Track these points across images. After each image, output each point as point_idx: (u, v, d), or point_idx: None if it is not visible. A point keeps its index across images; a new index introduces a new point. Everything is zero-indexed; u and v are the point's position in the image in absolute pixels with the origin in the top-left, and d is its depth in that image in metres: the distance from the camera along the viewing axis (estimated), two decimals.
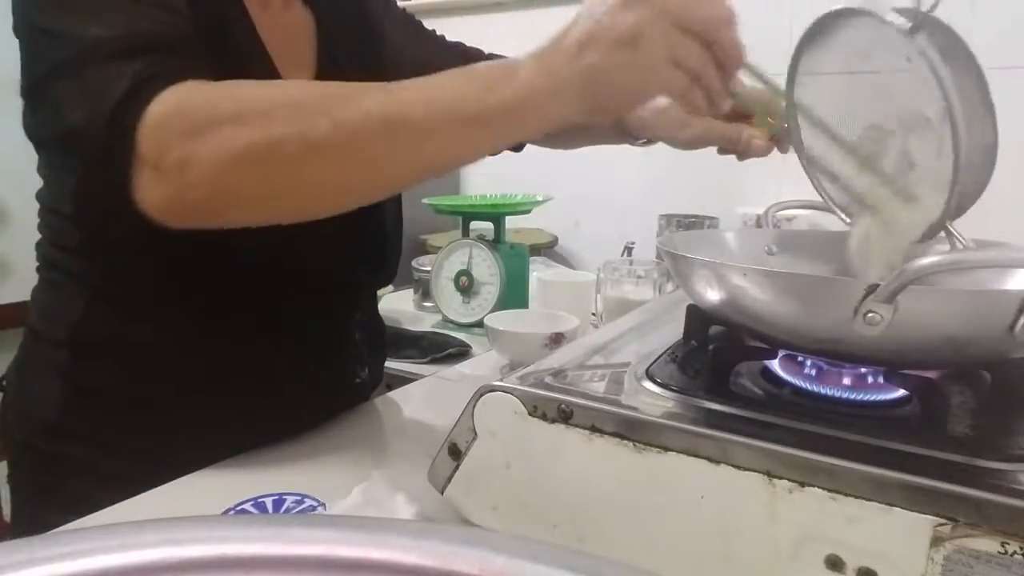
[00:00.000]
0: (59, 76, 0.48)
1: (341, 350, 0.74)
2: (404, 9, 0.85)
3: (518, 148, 0.81)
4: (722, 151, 0.68)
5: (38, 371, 0.66)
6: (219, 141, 0.45)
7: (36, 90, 0.51)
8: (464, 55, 0.85)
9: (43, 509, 0.65)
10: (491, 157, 0.91)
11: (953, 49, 0.49)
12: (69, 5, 0.49)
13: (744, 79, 0.55)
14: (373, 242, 0.73)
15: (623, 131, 0.73)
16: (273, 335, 0.66)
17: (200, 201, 0.47)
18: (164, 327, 0.63)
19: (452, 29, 0.85)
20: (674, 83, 0.47)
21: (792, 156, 0.60)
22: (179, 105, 0.46)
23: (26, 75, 0.52)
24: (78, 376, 0.64)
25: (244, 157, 0.45)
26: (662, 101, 0.64)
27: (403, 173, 0.50)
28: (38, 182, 0.66)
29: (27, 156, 0.62)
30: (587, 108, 0.47)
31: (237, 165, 0.46)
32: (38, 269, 0.68)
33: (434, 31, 0.85)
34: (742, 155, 0.67)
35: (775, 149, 0.66)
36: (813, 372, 0.48)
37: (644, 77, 0.46)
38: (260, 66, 0.61)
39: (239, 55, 0.59)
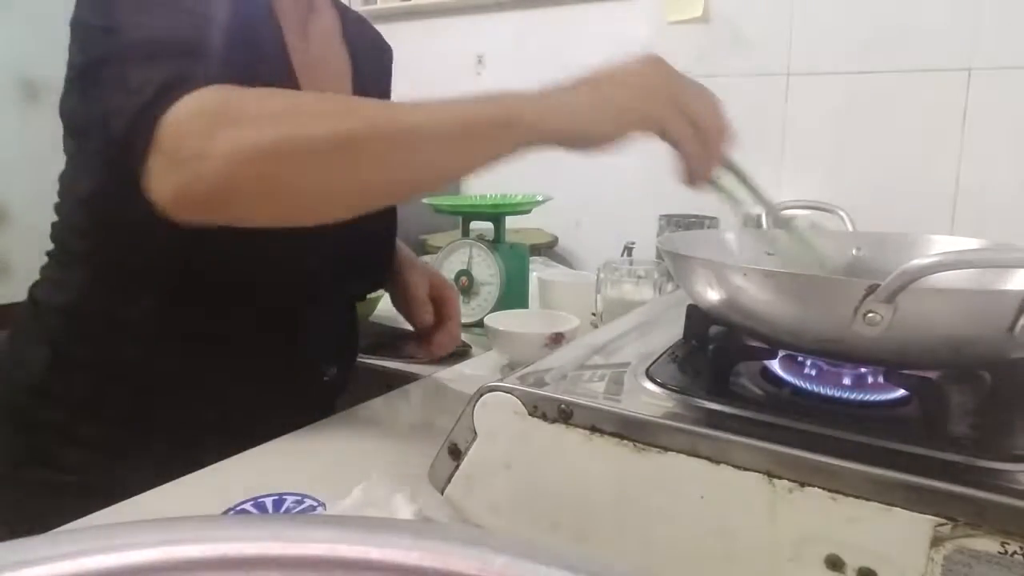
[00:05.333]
0: (107, 66, 0.54)
1: (310, 345, 0.77)
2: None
3: None
4: None
5: (30, 338, 0.71)
6: (232, 138, 0.48)
7: (86, 75, 0.58)
8: None
9: (20, 467, 0.69)
10: None
11: None
12: (124, 8, 0.55)
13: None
14: (362, 252, 0.77)
15: None
16: (254, 327, 0.70)
17: (207, 194, 0.49)
18: (156, 313, 0.67)
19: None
20: (667, 122, 0.53)
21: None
22: (204, 105, 0.50)
23: (78, 63, 0.60)
24: (66, 345, 0.68)
25: (252, 155, 0.48)
26: None
27: (403, 180, 0.53)
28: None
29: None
30: (575, 131, 0.52)
31: (245, 162, 0.48)
32: (49, 252, 0.72)
33: None
34: None
35: None
36: (813, 372, 0.48)
37: (642, 104, 0.53)
38: (286, 87, 0.65)
39: (268, 75, 0.61)
